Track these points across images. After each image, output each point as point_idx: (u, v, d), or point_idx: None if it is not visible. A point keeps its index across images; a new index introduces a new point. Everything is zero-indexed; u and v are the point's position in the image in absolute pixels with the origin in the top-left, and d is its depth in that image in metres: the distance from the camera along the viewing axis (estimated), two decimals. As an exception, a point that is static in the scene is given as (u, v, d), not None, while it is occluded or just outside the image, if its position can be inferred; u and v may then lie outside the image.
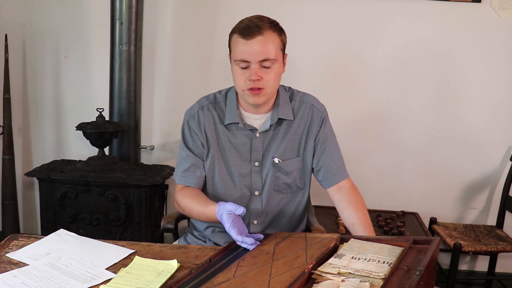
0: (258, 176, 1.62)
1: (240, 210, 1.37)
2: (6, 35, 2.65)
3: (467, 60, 2.65)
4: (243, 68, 1.49)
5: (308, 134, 1.64)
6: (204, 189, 1.69)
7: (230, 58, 1.56)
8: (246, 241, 1.33)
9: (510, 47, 2.62)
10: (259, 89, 1.50)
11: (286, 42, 1.56)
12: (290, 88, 1.69)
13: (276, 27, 1.51)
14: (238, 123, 1.59)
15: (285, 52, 1.58)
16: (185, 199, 1.61)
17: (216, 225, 1.68)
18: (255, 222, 1.65)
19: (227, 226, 1.37)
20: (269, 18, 1.53)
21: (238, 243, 1.35)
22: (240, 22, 1.52)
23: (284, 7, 2.63)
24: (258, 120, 1.61)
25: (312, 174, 1.70)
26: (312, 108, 1.65)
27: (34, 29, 2.76)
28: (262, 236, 1.40)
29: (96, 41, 2.74)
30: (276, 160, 1.61)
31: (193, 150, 1.65)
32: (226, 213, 1.38)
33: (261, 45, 1.46)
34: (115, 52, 2.56)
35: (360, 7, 2.62)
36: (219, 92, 1.68)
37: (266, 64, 1.48)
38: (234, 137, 1.61)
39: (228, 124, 1.61)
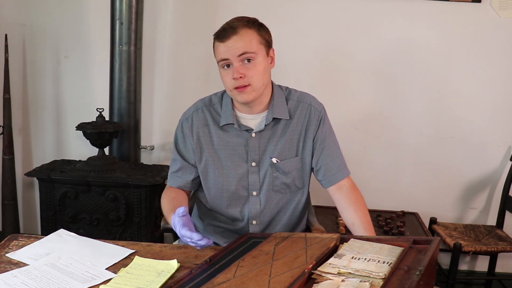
0: (256, 177, 1.62)
1: (180, 209, 1.37)
2: (6, 35, 2.65)
3: (467, 60, 2.65)
4: (226, 69, 1.51)
5: (306, 134, 1.63)
6: (200, 191, 1.69)
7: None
8: (193, 237, 1.33)
9: (510, 47, 2.62)
10: (245, 86, 1.50)
11: (269, 38, 1.56)
12: (287, 88, 1.68)
13: (253, 24, 1.51)
14: (233, 124, 1.59)
15: (272, 47, 1.57)
16: (163, 199, 1.63)
17: (216, 225, 1.68)
18: (254, 222, 1.65)
19: (177, 228, 1.37)
20: (248, 18, 1.53)
21: (187, 240, 1.35)
22: (220, 27, 1.54)
23: (284, 7, 2.63)
24: (253, 120, 1.61)
25: (311, 173, 1.70)
26: (309, 107, 1.63)
27: (34, 29, 2.76)
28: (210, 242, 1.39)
29: (96, 41, 2.74)
30: (274, 160, 1.60)
31: (182, 153, 1.65)
32: (177, 217, 1.39)
33: (237, 43, 1.47)
34: (115, 52, 2.56)
35: (361, 8, 2.62)
36: (215, 94, 1.67)
37: (246, 58, 1.48)
38: (230, 138, 1.61)
39: (223, 125, 1.61)
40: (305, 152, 1.64)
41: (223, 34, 1.48)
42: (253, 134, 1.60)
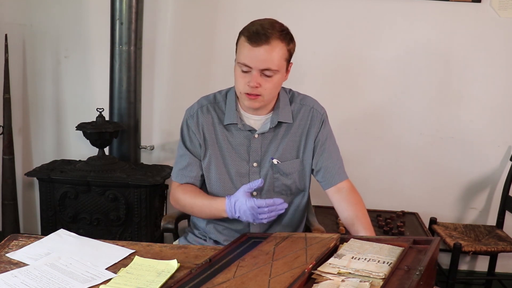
0: (257, 177, 1.62)
1: (258, 181, 1.45)
2: (6, 35, 2.65)
3: (467, 60, 2.65)
4: (244, 72, 1.50)
5: (307, 136, 1.64)
6: (203, 188, 1.70)
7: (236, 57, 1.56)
8: (276, 202, 1.41)
9: (510, 47, 2.62)
10: (257, 95, 1.50)
11: (293, 51, 1.56)
12: (290, 90, 1.69)
13: (286, 36, 1.50)
14: (237, 123, 1.60)
15: (291, 61, 1.57)
16: (186, 195, 1.62)
17: (216, 223, 1.68)
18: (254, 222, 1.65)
19: (245, 205, 1.44)
20: (281, 25, 1.51)
21: (263, 211, 1.41)
22: (251, 24, 1.51)
23: (284, 7, 2.63)
24: (257, 121, 1.62)
25: (312, 175, 1.70)
26: (312, 110, 1.65)
27: (34, 29, 2.76)
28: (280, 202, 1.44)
29: (96, 41, 2.74)
30: (275, 161, 1.61)
31: (190, 149, 1.66)
32: (242, 194, 1.45)
33: (265, 54, 1.45)
34: (115, 52, 2.56)
35: (361, 8, 2.62)
36: (219, 92, 1.68)
37: (267, 73, 1.48)
38: (232, 137, 1.62)
39: (227, 124, 1.61)
40: (306, 154, 1.65)
41: (255, 38, 1.45)
42: (256, 135, 1.61)
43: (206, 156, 1.64)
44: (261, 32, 1.45)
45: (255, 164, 1.62)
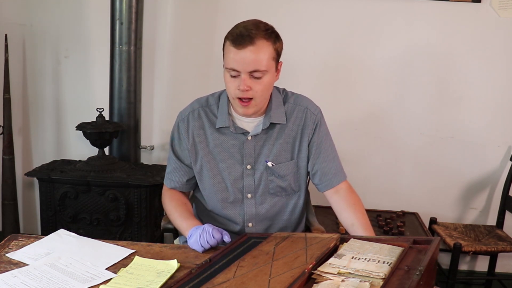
0: (251, 179, 1.61)
1: (226, 238, 1.45)
2: (6, 35, 2.65)
3: (467, 60, 2.65)
4: (233, 76, 1.47)
5: (301, 137, 1.62)
6: (198, 191, 1.70)
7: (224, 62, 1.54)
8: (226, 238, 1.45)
9: (510, 47, 2.62)
10: (249, 99, 1.48)
11: (281, 50, 1.53)
12: (284, 90, 1.67)
13: (271, 35, 1.47)
14: (229, 126, 1.58)
15: (280, 60, 1.54)
16: (171, 202, 1.64)
17: (214, 225, 1.68)
18: (250, 224, 1.64)
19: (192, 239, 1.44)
20: (266, 25, 1.48)
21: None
22: (235, 27, 1.48)
23: (284, 8, 2.63)
24: (250, 123, 1.60)
25: (308, 176, 1.69)
26: (305, 111, 1.62)
27: (34, 29, 2.76)
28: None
29: (96, 41, 2.75)
30: (269, 163, 1.60)
31: (178, 153, 1.66)
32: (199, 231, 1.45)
33: (252, 56, 1.42)
34: (115, 52, 2.56)
35: (360, 8, 2.62)
36: (212, 95, 1.66)
37: (256, 74, 1.45)
38: (225, 140, 1.60)
39: (219, 127, 1.60)
40: (300, 155, 1.63)
41: (239, 40, 1.42)
42: (249, 137, 1.59)
43: (198, 160, 1.63)
44: (245, 33, 1.42)
45: (249, 167, 1.60)
